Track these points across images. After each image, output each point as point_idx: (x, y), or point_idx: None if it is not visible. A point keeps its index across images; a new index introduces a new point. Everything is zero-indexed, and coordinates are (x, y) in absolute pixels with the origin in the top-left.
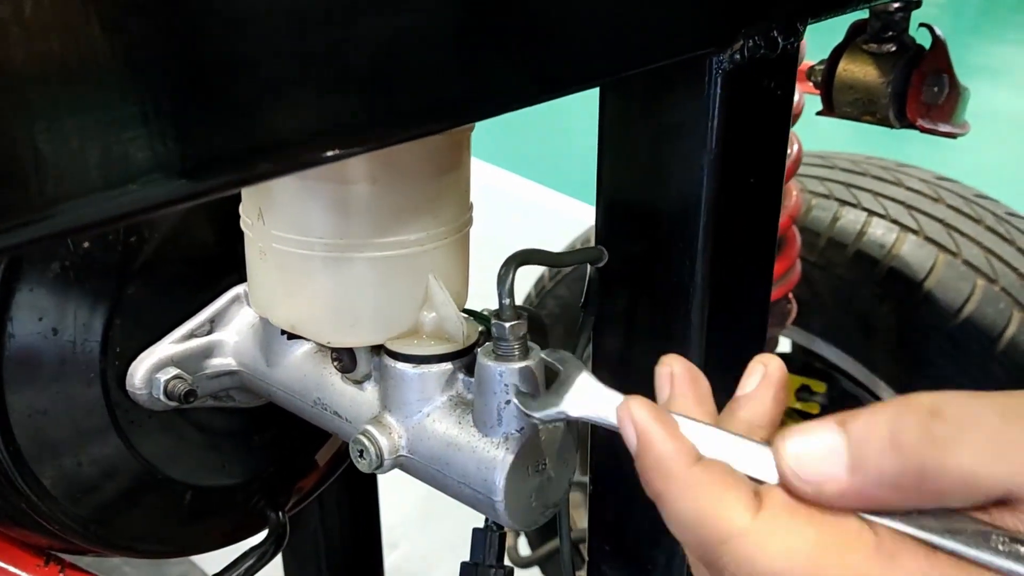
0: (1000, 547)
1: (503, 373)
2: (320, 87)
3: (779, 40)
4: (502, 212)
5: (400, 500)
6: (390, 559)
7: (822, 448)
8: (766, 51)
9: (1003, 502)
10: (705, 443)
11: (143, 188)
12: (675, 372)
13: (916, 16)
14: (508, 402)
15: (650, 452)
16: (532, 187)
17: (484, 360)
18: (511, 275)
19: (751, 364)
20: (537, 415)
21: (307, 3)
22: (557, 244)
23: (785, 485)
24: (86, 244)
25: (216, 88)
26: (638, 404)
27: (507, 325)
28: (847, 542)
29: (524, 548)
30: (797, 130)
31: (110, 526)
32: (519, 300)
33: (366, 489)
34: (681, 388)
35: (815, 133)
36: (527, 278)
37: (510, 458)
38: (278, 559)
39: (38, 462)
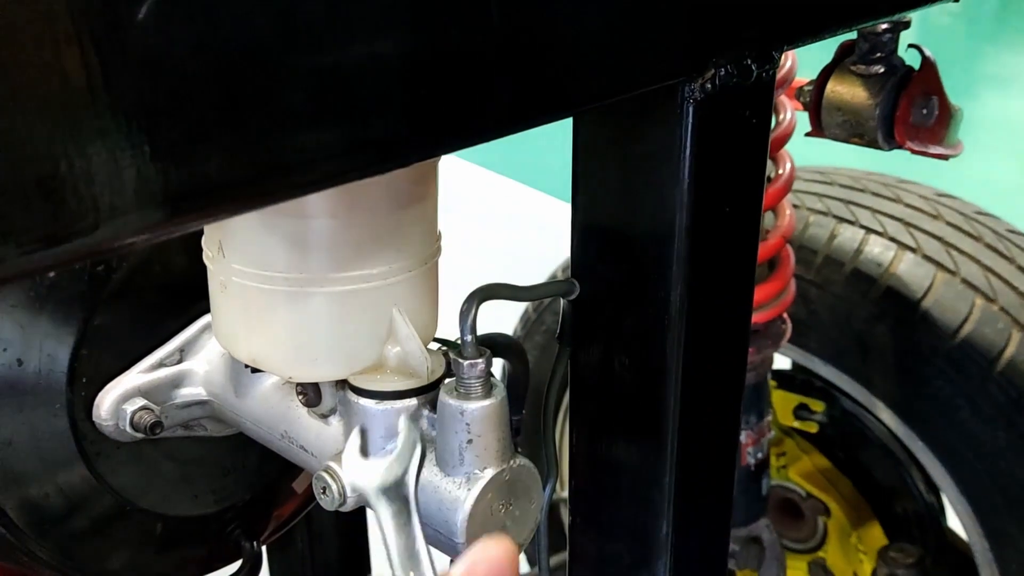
0: None
1: (464, 412)
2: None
3: (753, 68)
4: (512, 223)
5: None
6: None
7: None
8: (739, 80)
9: None
10: None
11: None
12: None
13: (917, 34)
14: (470, 441)
15: None
16: (541, 197)
17: (446, 398)
18: (473, 311)
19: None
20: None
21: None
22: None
23: None
24: (52, 274)
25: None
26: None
27: (466, 363)
28: None
29: (523, 566)
30: (800, 143)
31: (80, 558)
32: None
33: (356, 511)
34: None
35: (819, 146)
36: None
37: (471, 500)
38: None
39: (3, 493)
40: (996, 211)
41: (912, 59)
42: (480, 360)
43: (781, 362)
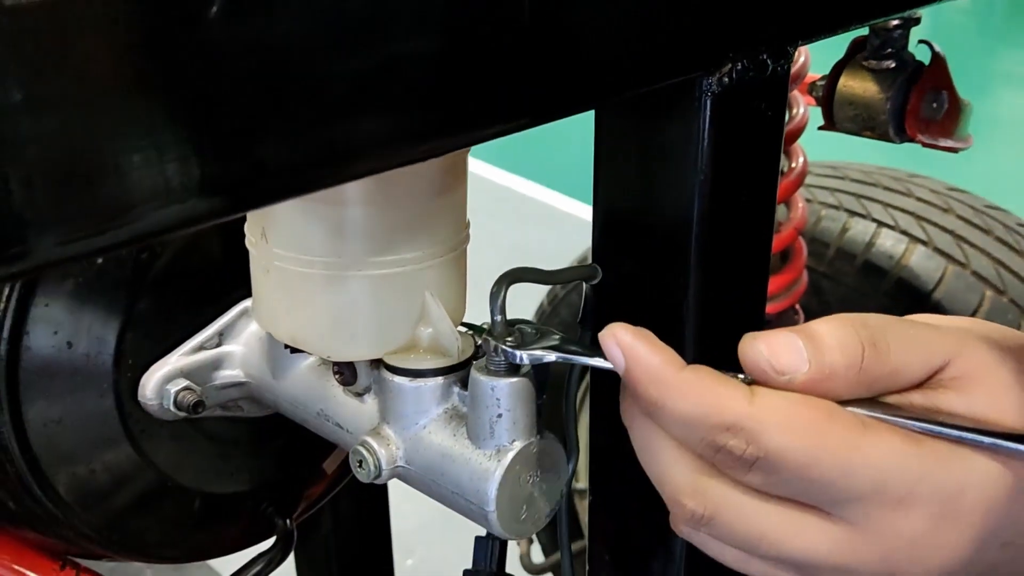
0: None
1: (494, 388)
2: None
3: (768, 63)
4: (527, 221)
5: (417, 507)
6: (407, 565)
7: (788, 346)
8: (755, 74)
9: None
10: None
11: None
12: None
13: (931, 30)
14: (500, 416)
15: (639, 365)
16: (556, 197)
17: (476, 375)
18: (503, 293)
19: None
20: (520, 353)
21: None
22: (576, 250)
23: (760, 377)
24: (99, 261)
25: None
26: (620, 327)
27: (497, 342)
28: (832, 416)
29: (537, 555)
30: (814, 138)
31: (122, 531)
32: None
33: (377, 496)
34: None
35: (833, 141)
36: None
37: (501, 470)
38: (291, 565)
39: (53, 470)
40: (1008, 205)
41: (922, 55)
42: (509, 339)
43: None
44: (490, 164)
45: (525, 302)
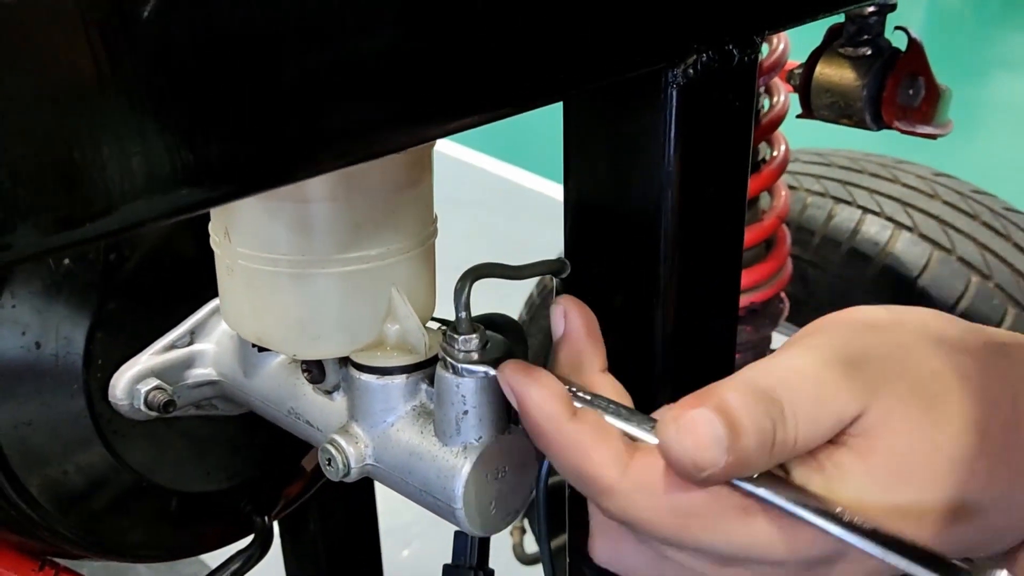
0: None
1: (459, 385)
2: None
3: (735, 53)
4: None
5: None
6: (402, 556)
7: (710, 438)
8: (721, 64)
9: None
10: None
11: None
12: (568, 310)
13: (927, 16)
14: (466, 412)
15: (527, 415)
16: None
17: (442, 372)
18: (467, 289)
19: (553, 309)
20: (462, 366)
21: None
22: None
23: (679, 473)
24: (67, 261)
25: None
26: (512, 368)
27: (461, 339)
28: (707, 497)
29: (531, 545)
30: (802, 125)
31: (99, 532)
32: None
33: (364, 491)
34: (574, 323)
35: (821, 127)
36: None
37: (468, 467)
38: (280, 561)
39: (25, 473)
40: (1000, 190)
41: (900, 41)
42: (474, 335)
43: (780, 343)
44: (482, 153)
45: (515, 297)
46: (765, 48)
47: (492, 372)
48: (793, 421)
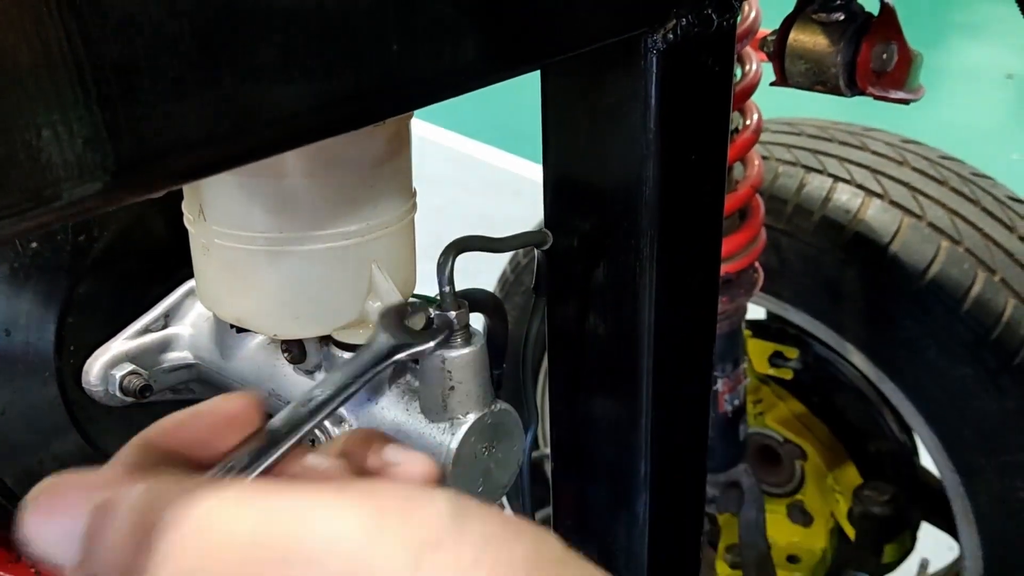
0: None
1: (445, 360)
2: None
3: (714, 17)
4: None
5: None
6: None
7: (64, 534)
8: (701, 29)
9: None
10: None
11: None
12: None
13: None
14: (452, 388)
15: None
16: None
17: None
18: (450, 264)
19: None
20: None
21: None
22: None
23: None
24: (34, 244)
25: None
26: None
27: (447, 314)
28: None
29: None
30: (769, 94)
31: None
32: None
33: None
34: None
35: (788, 96)
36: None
37: (456, 443)
38: None
39: (0, 463)
40: (964, 155)
41: (872, 6)
42: (459, 311)
43: (757, 313)
44: (456, 132)
45: (489, 272)
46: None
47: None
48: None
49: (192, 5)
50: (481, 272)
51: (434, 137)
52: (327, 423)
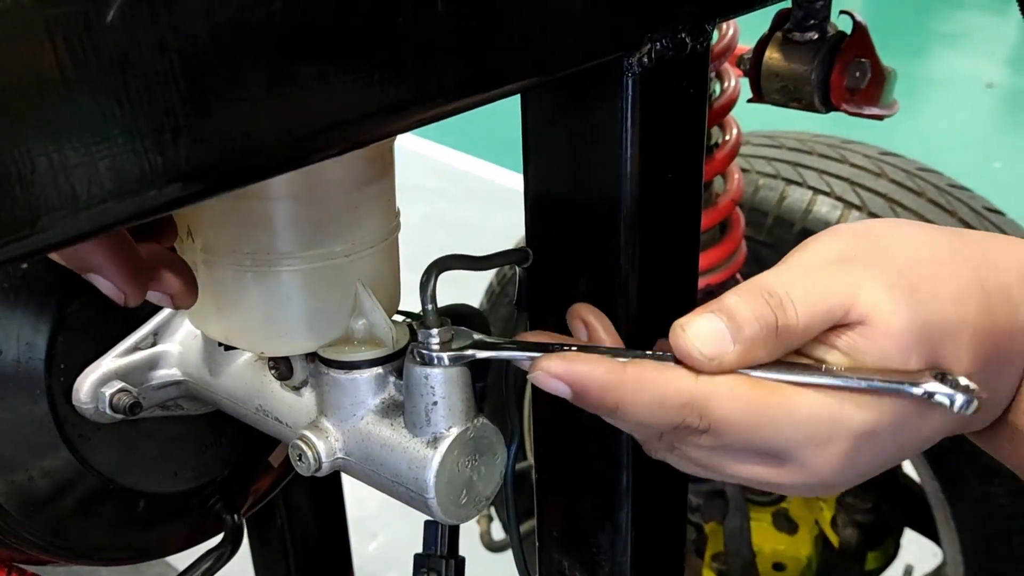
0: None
1: (428, 376)
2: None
3: (687, 41)
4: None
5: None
6: (370, 548)
7: (713, 332)
8: (675, 53)
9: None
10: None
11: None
12: (555, 370)
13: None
14: (435, 403)
15: (586, 385)
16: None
17: (410, 364)
18: (432, 282)
19: (571, 319)
20: (443, 355)
21: None
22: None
23: (693, 365)
24: (25, 265)
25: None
26: (549, 360)
27: (430, 331)
28: (764, 385)
29: (498, 532)
30: (755, 108)
31: (66, 537)
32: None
33: (331, 484)
34: (595, 331)
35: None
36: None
37: (439, 457)
38: (248, 557)
39: None
40: (946, 164)
41: (845, 25)
42: (441, 328)
43: None
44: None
45: (475, 285)
46: (715, 35)
47: (482, 354)
48: (792, 308)
49: (183, 43)
50: (470, 281)
51: (420, 149)
52: None
